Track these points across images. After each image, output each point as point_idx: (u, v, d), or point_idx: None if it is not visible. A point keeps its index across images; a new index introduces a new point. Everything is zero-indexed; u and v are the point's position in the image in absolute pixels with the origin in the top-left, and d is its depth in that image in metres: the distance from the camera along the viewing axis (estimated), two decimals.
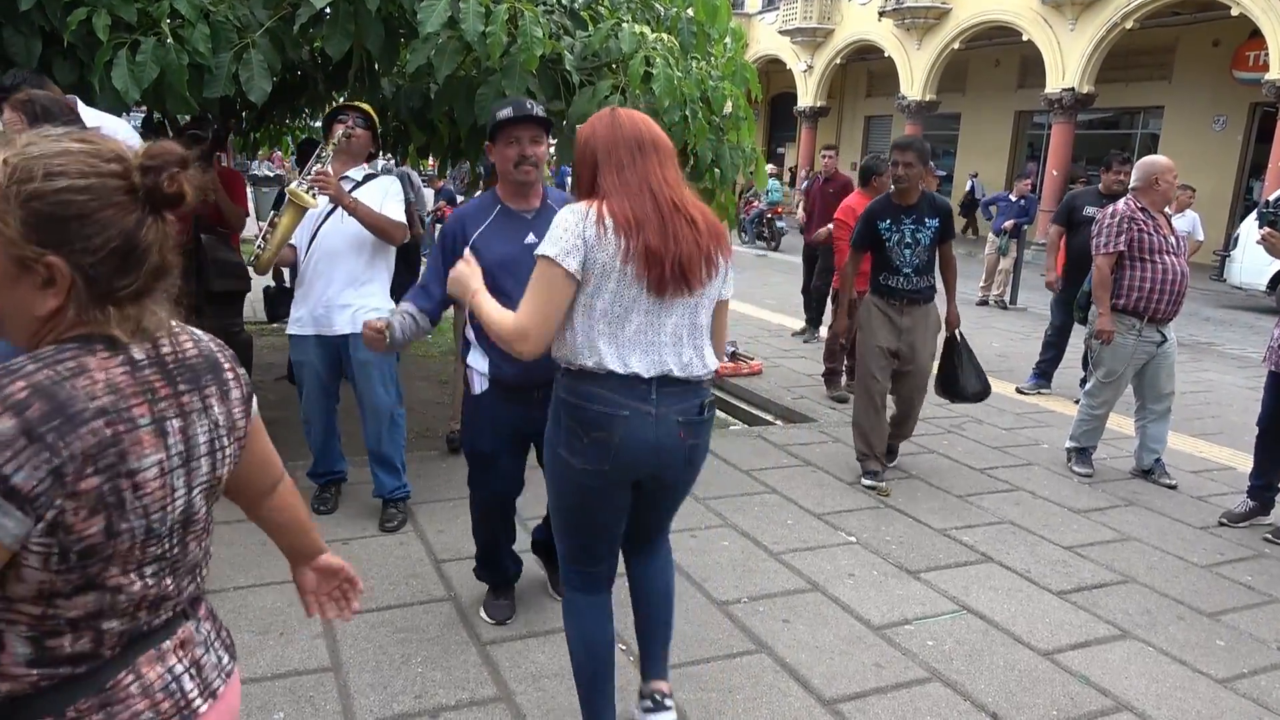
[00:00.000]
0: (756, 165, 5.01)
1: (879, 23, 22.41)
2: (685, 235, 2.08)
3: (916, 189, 4.54)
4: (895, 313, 4.61)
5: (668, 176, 2.13)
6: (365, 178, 3.77)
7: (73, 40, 3.39)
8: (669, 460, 2.18)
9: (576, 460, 2.15)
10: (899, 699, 2.76)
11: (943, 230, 4.59)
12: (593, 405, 2.10)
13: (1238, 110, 17.77)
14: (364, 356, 3.69)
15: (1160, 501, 4.65)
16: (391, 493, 3.84)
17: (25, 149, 1.05)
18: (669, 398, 2.13)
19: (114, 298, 1.08)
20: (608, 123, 2.14)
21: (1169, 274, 4.63)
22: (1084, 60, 17.86)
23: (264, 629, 2.94)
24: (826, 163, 8.31)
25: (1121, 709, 2.76)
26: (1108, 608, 3.43)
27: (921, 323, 4.63)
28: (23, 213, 1.02)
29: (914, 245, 4.54)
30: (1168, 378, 4.85)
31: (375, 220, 3.59)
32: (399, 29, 3.97)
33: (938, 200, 4.64)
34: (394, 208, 3.70)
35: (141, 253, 1.09)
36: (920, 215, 4.54)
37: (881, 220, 4.58)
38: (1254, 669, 3.05)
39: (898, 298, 4.60)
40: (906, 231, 4.53)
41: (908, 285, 4.58)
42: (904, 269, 4.56)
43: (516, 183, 2.82)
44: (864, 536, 3.98)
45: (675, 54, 4.12)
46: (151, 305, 1.12)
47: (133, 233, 1.08)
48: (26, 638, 1.07)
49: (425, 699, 2.62)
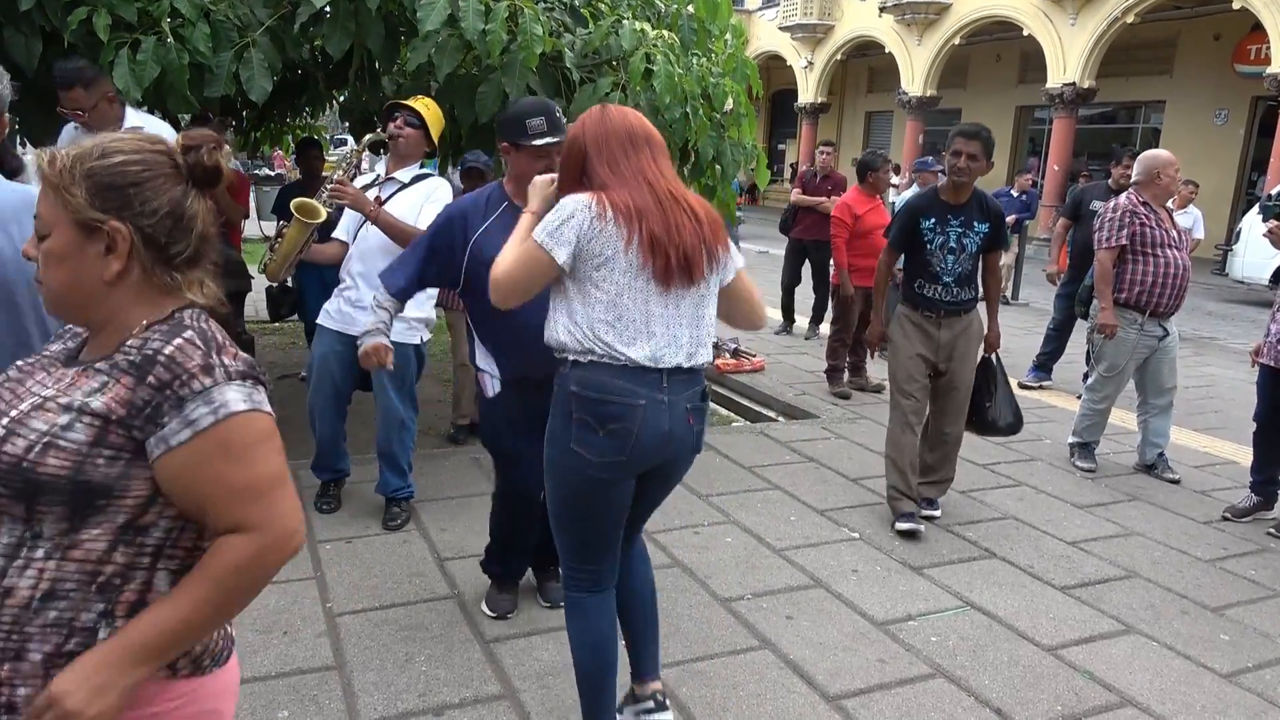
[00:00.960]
0: (758, 162, 5.01)
1: (879, 18, 22.39)
2: (687, 226, 2.09)
3: (971, 185, 3.94)
4: (931, 325, 4.00)
5: (663, 169, 2.15)
6: (414, 179, 3.66)
7: (73, 40, 3.39)
8: (679, 448, 2.21)
9: (592, 454, 2.11)
10: (903, 695, 2.76)
11: (992, 237, 3.99)
12: (608, 396, 2.08)
13: (1239, 104, 17.73)
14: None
15: (1163, 496, 4.64)
16: (395, 492, 3.83)
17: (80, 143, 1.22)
18: (678, 385, 2.15)
19: (173, 263, 1.24)
20: (597, 119, 2.15)
21: (1171, 268, 4.63)
22: (1085, 55, 17.83)
23: (267, 628, 2.94)
24: (824, 159, 8.27)
25: (1125, 704, 2.76)
26: (1112, 603, 3.43)
27: (964, 334, 4.02)
28: (87, 184, 1.18)
29: (959, 251, 3.92)
30: (1170, 372, 4.85)
31: (396, 230, 3.44)
32: (399, 27, 3.97)
33: (990, 203, 4.01)
34: (432, 212, 3.45)
35: (190, 219, 1.24)
36: (970, 218, 3.93)
37: (926, 218, 3.95)
38: (1258, 663, 3.05)
39: (934, 309, 3.98)
40: (952, 234, 3.92)
41: (947, 296, 3.96)
42: (944, 277, 3.94)
43: None
44: (867, 533, 3.97)
45: (676, 51, 4.12)
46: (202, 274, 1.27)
47: (180, 200, 1.23)
48: (173, 572, 1.23)
49: (429, 697, 2.62)
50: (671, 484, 2.36)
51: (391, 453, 3.81)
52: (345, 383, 3.81)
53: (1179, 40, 18.56)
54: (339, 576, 3.32)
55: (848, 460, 4.94)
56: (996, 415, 4.16)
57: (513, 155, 2.73)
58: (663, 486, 2.34)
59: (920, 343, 4.01)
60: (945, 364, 4.02)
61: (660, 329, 2.11)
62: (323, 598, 3.16)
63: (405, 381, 3.75)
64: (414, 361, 3.78)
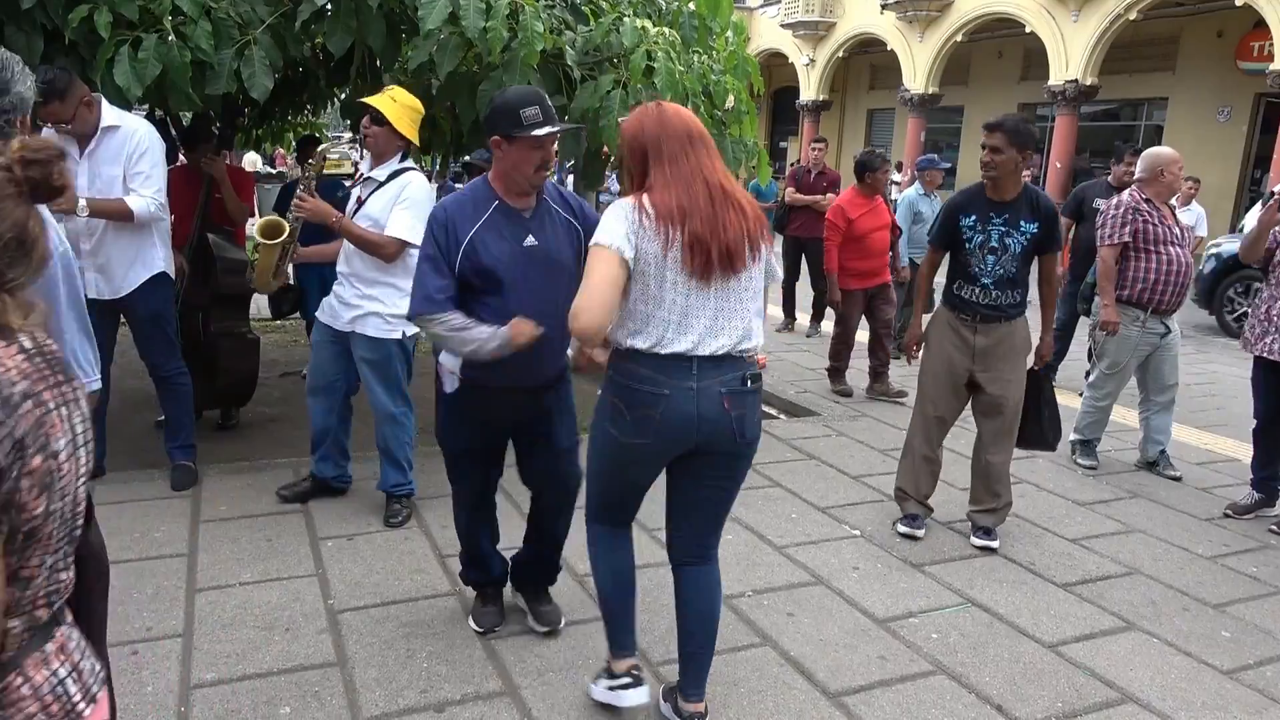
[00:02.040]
0: (759, 159, 5.01)
1: (881, 15, 22.34)
2: (733, 222, 2.22)
3: (1015, 181, 3.69)
4: (967, 329, 3.78)
5: (716, 165, 2.28)
6: (391, 176, 3.60)
7: (74, 38, 3.39)
8: (713, 429, 2.29)
9: (622, 435, 2.31)
10: (904, 692, 2.76)
11: (1043, 238, 3.69)
12: (637, 385, 2.26)
13: (1242, 101, 17.68)
14: (363, 355, 3.68)
15: (1165, 493, 4.64)
16: (394, 487, 3.84)
17: None
18: (710, 370, 2.26)
19: (6, 287, 1.10)
20: (655, 118, 2.26)
21: (1173, 265, 4.62)
22: (1087, 52, 17.79)
23: (269, 624, 2.95)
24: (815, 155, 8.25)
25: (1126, 700, 2.76)
26: (1113, 600, 3.43)
27: (1004, 343, 3.75)
28: None
29: (1000, 251, 3.68)
30: (1171, 369, 4.85)
31: (359, 239, 3.49)
32: (400, 25, 3.97)
33: (1042, 201, 3.74)
34: (400, 216, 3.47)
35: (31, 243, 1.11)
36: (1015, 216, 3.68)
37: (965, 216, 3.74)
38: (1259, 660, 3.05)
39: (970, 313, 3.76)
40: (994, 234, 3.69)
41: (985, 300, 3.72)
42: (983, 278, 3.71)
43: (530, 186, 2.63)
44: (868, 530, 3.97)
45: (677, 48, 4.12)
46: (26, 295, 1.14)
47: (24, 224, 1.10)
48: None
49: (430, 693, 2.62)
50: (722, 469, 2.40)
51: (388, 448, 3.82)
52: (337, 375, 3.81)
53: (1181, 37, 18.50)
54: (341, 573, 3.32)
55: (849, 458, 4.94)
56: (1045, 433, 3.94)
57: (505, 148, 2.56)
58: (712, 470, 2.39)
59: (953, 346, 3.81)
60: (983, 375, 3.78)
61: (698, 322, 2.23)
62: (324, 594, 3.17)
63: (390, 377, 3.74)
64: (397, 357, 3.73)
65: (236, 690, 2.59)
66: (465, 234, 2.57)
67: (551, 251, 2.66)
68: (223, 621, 2.95)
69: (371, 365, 3.70)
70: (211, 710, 2.50)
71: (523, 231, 2.63)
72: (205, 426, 4.85)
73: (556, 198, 2.76)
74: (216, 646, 2.80)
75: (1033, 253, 3.72)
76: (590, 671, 2.73)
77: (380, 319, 3.63)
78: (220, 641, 2.83)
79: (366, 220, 3.55)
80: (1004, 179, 3.67)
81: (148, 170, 3.62)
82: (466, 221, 2.58)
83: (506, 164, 2.59)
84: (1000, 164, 3.63)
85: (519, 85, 3.34)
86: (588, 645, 2.91)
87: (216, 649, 2.79)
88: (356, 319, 3.64)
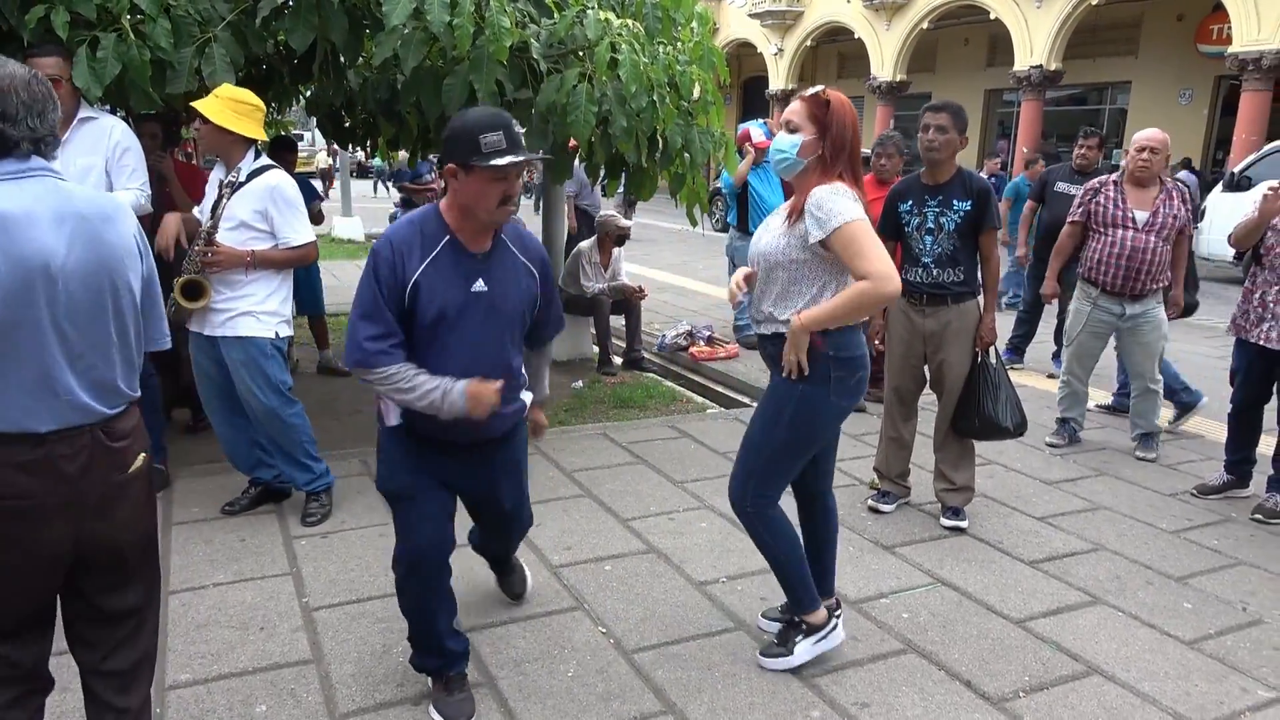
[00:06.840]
0: (726, 149, 5.03)
1: (848, 4, 22.43)
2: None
3: (949, 164, 3.82)
4: (916, 313, 3.92)
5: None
6: (251, 175, 3.51)
7: (32, 39, 3.35)
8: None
9: (845, 400, 2.66)
10: (875, 670, 2.81)
11: (977, 216, 3.78)
12: (858, 352, 2.65)
13: (1203, 83, 17.96)
14: (236, 357, 3.55)
15: (1130, 471, 4.73)
16: (305, 486, 3.77)
17: None
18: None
19: None
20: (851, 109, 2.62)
21: (1116, 247, 4.68)
22: (1051, 37, 17.98)
23: (244, 624, 2.94)
24: None
25: (1092, 673, 2.83)
26: (1078, 575, 3.50)
27: (950, 326, 3.85)
28: None
29: (936, 231, 3.82)
30: (1144, 358, 4.85)
31: (282, 261, 3.57)
32: (363, 20, 3.94)
33: (974, 180, 3.86)
34: (290, 220, 3.52)
35: None
36: (949, 196, 3.80)
37: (903, 202, 3.91)
38: (1220, 629, 3.13)
39: (916, 294, 3.89)
40: (930, 215, 3.83)
41: (927, 279, 3.85)
42: (923, 258, 3.85)
43: (490, 223, 2.34)
44: (840, 514, 4.01)
45: (641, 39, 4.12)
46: None
47: None
48: None
49: (407, 688, 2.64)
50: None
51: (284, 450, 3.72)
52: (225, 381, 3.65)
53: (1143, 21, 18.75)
54: (315, 571, 3.32)
55: None
56: (1000, 416, 3.84)
57: (462, 178, 2.24)
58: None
59: (905, 329, 3.95)
60: (933, 357, 3.92)
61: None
62: (299, 592, 3.17)
63: (267, 375, 3.58)
64: (270, 354, 3.58)
65: (212, 690, 2.59)
66: (414, 268, 2.28)
67: (497, 300, 2.38)
68: (197, 623, 2.94)
69: (246, 366, 3.54)
70: (186, 711, 2.50)
71: (474, 275, 2.34)
72: (175, 429, 4.81)
73: (515, 239, 2.48)
74: (191, 648, 2.80)
75: (970, 231, 3.82)
76: (565, 661, 2.76)
77: (253, 318, 3.53)
78: (195, 643, 2.83)
79: (232, 221, 3.46)
80: (944, 161, 3.81)
81: (134, 164, 3.66)
82: (414, 257, 2.29)
83: (464, 197, 2.28)
84: (944, 144, 3.75)
85: (482, 106, 3.17)
86: (563, 635, 2.93)
87: (191, 650, 2.79)
88: (227, 321, 3.52)
